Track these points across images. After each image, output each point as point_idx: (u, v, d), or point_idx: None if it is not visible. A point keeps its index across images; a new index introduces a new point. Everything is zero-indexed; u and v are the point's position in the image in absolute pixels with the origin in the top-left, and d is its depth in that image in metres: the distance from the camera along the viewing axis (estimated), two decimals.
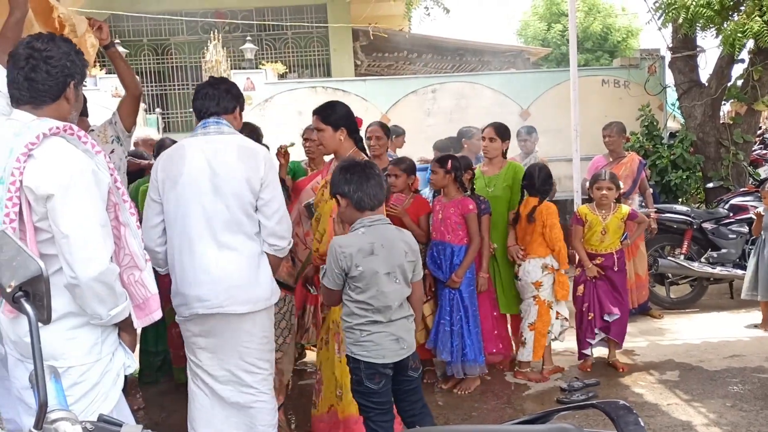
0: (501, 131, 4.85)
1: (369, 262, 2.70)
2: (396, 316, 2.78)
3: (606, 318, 4.66)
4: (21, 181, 1.98)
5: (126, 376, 2.33)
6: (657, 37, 40.63)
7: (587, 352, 4.76)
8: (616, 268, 4.70)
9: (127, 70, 3.33)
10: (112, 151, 3.29)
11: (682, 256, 6.31)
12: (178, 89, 13.45)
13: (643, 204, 6.12)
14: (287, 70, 12.29)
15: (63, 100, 2.19)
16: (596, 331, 4.71)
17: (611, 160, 6.10)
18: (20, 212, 2.00)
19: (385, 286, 2.73)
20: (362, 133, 3.75)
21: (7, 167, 1.98)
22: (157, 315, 2.40)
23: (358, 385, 2.81)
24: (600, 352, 4.91)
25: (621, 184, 4.88)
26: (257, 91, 10.08)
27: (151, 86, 13.16)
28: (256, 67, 11.42)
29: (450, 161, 4.41)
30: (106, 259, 2.09)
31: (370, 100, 9.95)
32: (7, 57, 2.32)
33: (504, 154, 4.92)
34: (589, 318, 4.69)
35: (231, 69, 10.32)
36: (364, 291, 2.73)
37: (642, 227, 5.13)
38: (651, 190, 6.41)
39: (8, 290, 0.94)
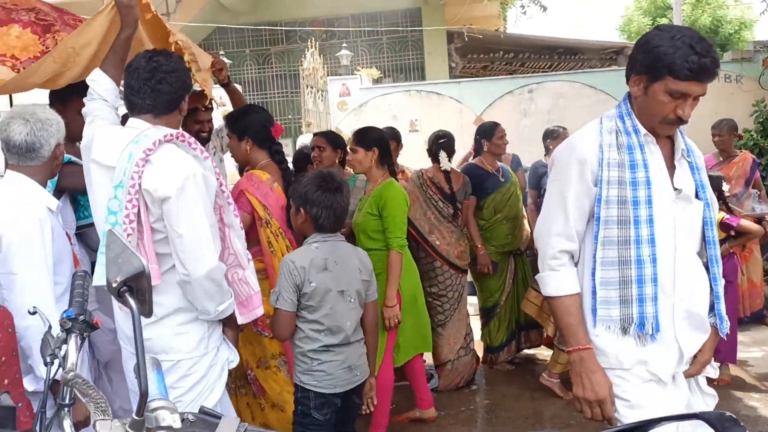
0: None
1: (321, 277, 2.56)
2: (352, 339, 2.63)
3: None
4: (140, 185, 2.13)
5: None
6: None
7: None
8: None
9: (242, 101, 3.64)
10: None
11: None
12: (278, 97, 13.92)
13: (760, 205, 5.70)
14: (382, 75, 12.44)
15: (177, 111, 2.38)
16: None
17: (721, 159, 5.74)
18: (138, 213, 2.14)
19: (338, 304, 2.59)
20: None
21: (126, 171, 2.14)
22: (260, 311, 2.51)
23: (303, 417, 2.61)
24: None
25: (725, 186, 4.53)
26: (352, 97, 10.24)
27: (253, 95, 13.69)
28: (352, 73, 11.63)
29: None
30: (215, 257, 2.22)
31: (464, 102, 9.88)
32: (114, 70, 2.51)
33: None
34: None
35: (327, 75, 10.56)
36: (317, 309, 2.57)
37: (748, 237, 4.66)
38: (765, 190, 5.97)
39: (114, 285, 1.01)
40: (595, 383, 1.91)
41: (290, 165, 3.68)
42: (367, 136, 3.61)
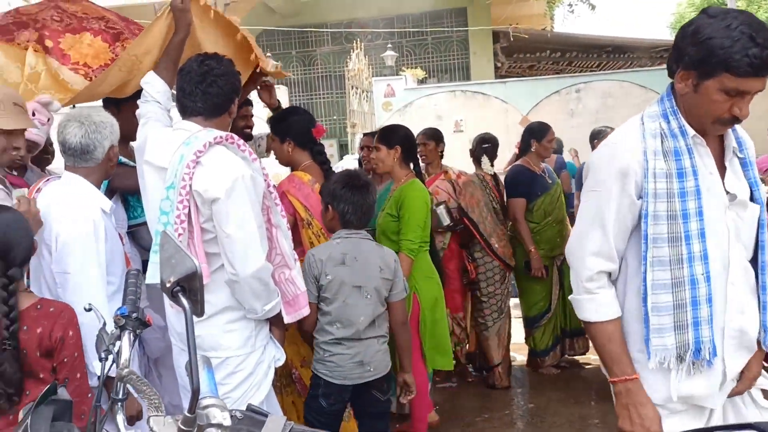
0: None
1: (337, 271, 2.62)
2: (365, 335, 2.65)
3: None
4: (190, 186, 2.17)
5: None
6: None
7: None
8: None
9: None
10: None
11: None
12: (323, 98, 14.05)
13: None
14: (427, 75, 12.43)
15: (227, 114, 2.41)
16: None
17: None
18: (189, 214, 2.19)
19: (352, 299, 2.62)
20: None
21: (178, 173, 2.18)
22: (306, 311, 2.53)
23: (311, 400, 2.71)
24: None
25: None
26: (397, 97, 10.27)
27: (299, 95, 13.85)
28: (397, 74, 11.65)
29: None
30: (262, 257, 2.25)
31: (510, 102, 9.81)
32: (167, 73, 2.57)
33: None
34: None
35: (372, 76, 10.60)
36: (332, 302, 2.63)
37: None
38: None
39: (168, 285, 1.04)
40: (645, 417, 1.76)
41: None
42: (389, 135, 3.57)
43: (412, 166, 3.60)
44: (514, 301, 5.02)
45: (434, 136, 4.50)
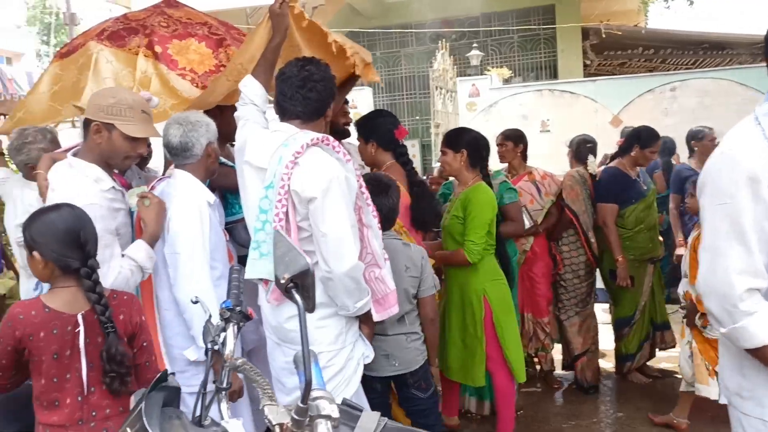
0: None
1: None
2: (391, 332, 2.72)
3: None
4: (289, 186, 2.26)
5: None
6: None
7: None
8: None
9: None
10: None
11: None
12: (407, 98, 14.10)
13: None
14: (513, 74, 12.25)
15: (323, 117, 2.50)
16: None
17: None
18: (287, 213, 2.27)
19: (390, 282, 2.63)
20: None
21: (277, 173, 2.28)
22: (395, 309, 2.57)
23: None
24: None
25: None
26: (482, 97, 10.18)
27: (382, 96, 13.97)
28: (482, 73, 11.55)
29: None
30: (355, 256, 2.31)
31: (600, 101, 9.53)
32: (264, 76, 2.67)
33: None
34: None
35: (457, 76, 10.56)
36: None
37: None
38: None
39: (282, 281, 1.09)
40: None
41: None
42: (456, 138, 3.55)
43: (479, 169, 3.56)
44: (601, 306, 4.89)
45: (512, 136, 4.43)
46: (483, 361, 3.36)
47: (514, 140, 4.41)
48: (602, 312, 4.86)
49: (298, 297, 1.07)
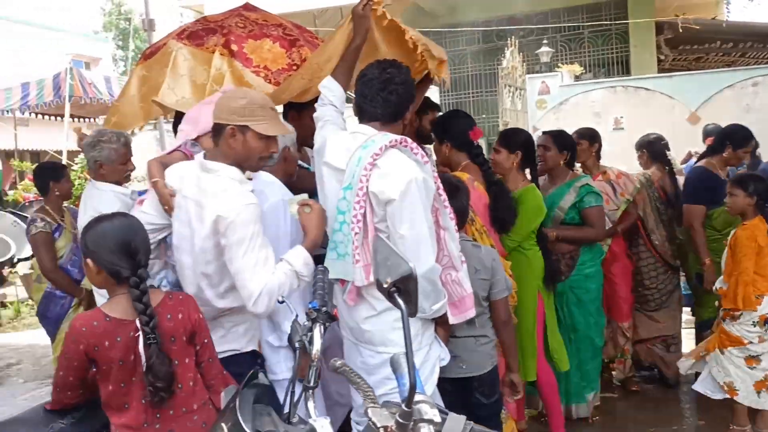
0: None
1: None
2: (460, 333, 2.68)
3: None
4: (367, 187, 2.27)
5: None
6: None
7: None
8: None
9: None
10: None
11: None
12: (473, 97, 13.98)
13: None
14: (584, 71, 11.96)
15: (401, 120, 2.50)
16: None
17: None
18: (364, 214, 2.29)
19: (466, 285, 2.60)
20: None
21: (356, 174, 2.29)
22: (471, 313, 2.54)
23: None
24: None
25: None
26: (552, 94, 9.98)
27: (449, 95, 13.88)
28: (552, 70, 11.32)
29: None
30: (432, 258, 2.30)
31: (676, 98, 9.19)
32: (343, 78, 2.70)
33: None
34: None
35: (526, 74, 10.39)
36: None
37: None
38: None
39: (385, 285, 1.09)
40: None
41: None
42: (513, 138, 3.53)
43: (528, 172, 3.57)
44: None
45: (588, 135, 4.31)
46: (535, 354, 3.36)
47: (589, 139, 4.30)
48: (684, 314, 4.70)
49: (401, 301, 1.07)
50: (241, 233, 2.17)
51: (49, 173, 4.16)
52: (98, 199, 3.23)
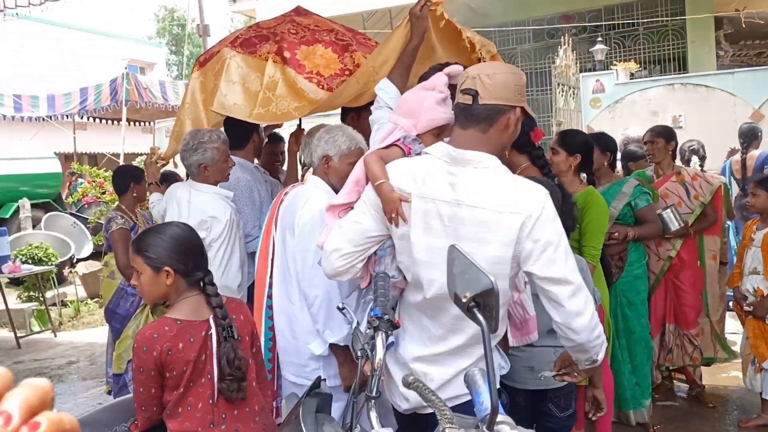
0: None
1: None
2: (540, 343, 2.49)
3: None
4: None
5: None
6: None
7: None
8: None
9: None
10: None
11: None
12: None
13: None
14: (641, 68, 11.62)
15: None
16: None
17: None
18: None
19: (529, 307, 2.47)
20: None
21: None
22: (534, 337, 2.41)
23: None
24: None
25: None
26: (606, 93, 9.73)
27: None
28: (606, 68, 11.04)
29: None
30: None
31: (738, 95, 8.84)
32: (399, 79, 2.66)
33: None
34: None
35: (579, 72, 10.16)
36: None
37: None
38: None
39: (464, 300, 1.04)
40: None
41: None
42: (572, 140, 3.41)
43: (584, 175, 3.47)
44: None
45: (664, 133, 4.15)
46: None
47: (666, 137, 4.13)
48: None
49: (481, 317, 1.01)
50: (550, 230, 1.83)
51: (131, 175, 4.36)
52: (202, 201, 3.16)
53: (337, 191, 2.72)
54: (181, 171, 3.59)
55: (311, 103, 3.09)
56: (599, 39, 12.08)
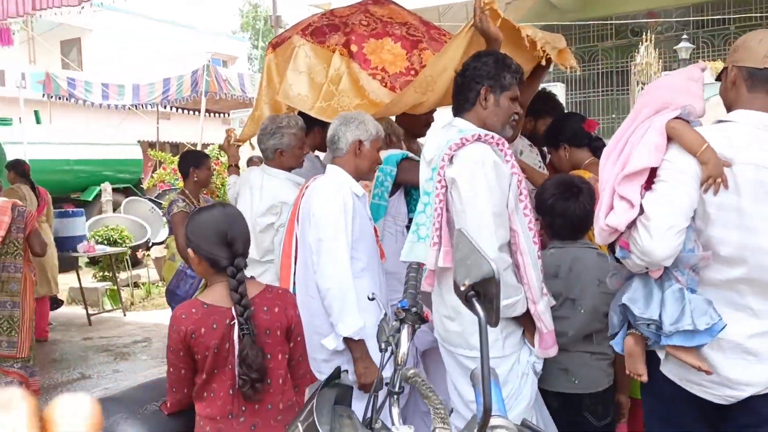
0: None
1: (552, 284, 2.44)
2: (574, 348, 2.48)
3: None
4: (445, 172, 2.20)
5: None
6: None
7: None
8: None
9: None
10: None
11: None
12: (603, 95, 13.29)
13: None
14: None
15: (478, 106, 2.33)
16: None
17: None
18: (446, 193, 2.21)
19: (562, 311, 2.47)
20: None
21: (438, 156, 2.24)
22: (553, 352, 2.32)
23: None
24: None
25: None
26: None
27: (576, 93, 13.30)
28: None
29: None
30: (495, 245, 2.12)
31: None
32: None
33: None
34: None
35: (662, 71, 9.70)
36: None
37: None
38: None
39: (462, 288, 0.96)
40: None
41: None
42: None
43: None
44: None
45: None
46: None
47: None
48: None
49: (479, 307, 0.93)
50: None
51: (192, 160, 4.47)
52: (274, 185, 3.19)
53: (360, 178, 2.69)
54: (258, 153, 3.62)
55: (371, 104, 3.07)
56: (684, 37, 11.51)
